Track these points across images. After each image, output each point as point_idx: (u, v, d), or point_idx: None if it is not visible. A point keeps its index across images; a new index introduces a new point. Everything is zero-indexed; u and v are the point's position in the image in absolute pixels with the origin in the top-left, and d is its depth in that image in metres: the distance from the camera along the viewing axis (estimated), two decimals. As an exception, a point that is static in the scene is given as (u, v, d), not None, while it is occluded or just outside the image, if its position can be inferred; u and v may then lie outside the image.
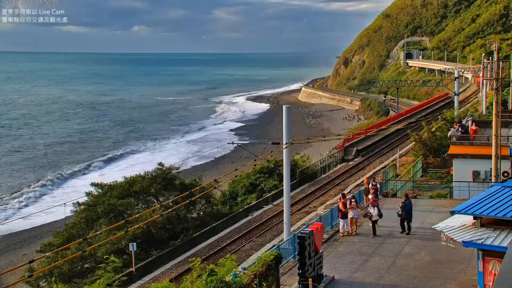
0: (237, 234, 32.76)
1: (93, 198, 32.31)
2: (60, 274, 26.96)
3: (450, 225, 14.70)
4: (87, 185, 37.03)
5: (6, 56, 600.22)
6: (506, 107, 50.09)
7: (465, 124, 34.95)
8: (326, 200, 37.83)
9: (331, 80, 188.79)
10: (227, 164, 63.33)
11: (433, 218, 24.02)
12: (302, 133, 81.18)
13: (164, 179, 34.12)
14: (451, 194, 32.54)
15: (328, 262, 18.64)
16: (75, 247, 25.59)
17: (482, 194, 15.27)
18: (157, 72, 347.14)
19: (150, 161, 60.39)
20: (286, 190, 23.51)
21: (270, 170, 43.52)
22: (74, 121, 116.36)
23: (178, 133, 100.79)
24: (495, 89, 27.39)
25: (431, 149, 42.28)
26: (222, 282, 13.03)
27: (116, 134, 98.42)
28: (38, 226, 46.42)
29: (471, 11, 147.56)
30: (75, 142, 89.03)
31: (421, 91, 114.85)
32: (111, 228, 24.65)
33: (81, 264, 28.49)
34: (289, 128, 22.95)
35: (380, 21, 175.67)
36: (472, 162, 31.36)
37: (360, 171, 47.33)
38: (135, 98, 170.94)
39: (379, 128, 61.07)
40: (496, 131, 26.55)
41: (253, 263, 15.80)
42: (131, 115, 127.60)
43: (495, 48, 35.68)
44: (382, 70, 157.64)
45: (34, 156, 77.42)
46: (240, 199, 40.56)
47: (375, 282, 17.33)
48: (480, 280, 14.16)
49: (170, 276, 26.24)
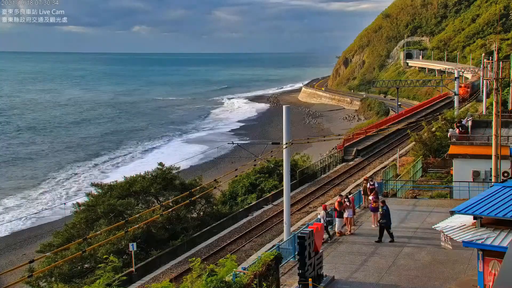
0: (237, 234, 32.76)
1: (93, 198, 32.31)
2: (60, 274, 26.96)
3: (450, 225, 14.70)
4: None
5: (15, 57, 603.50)
6: (506, 107, 50.10)
7: (465, 124, 34.96)
8: (326, 200, 37.79)
9: (331, 80, 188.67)
10: (227, 164, 63.32)
11: (433, 218, 24.04)
12: (302, 133, 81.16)
13: (164, 179, 34.12)
14: (451, 194, 32.54)
15: (328, 262, 18.64)
16: (75, 247, 25.58)
17: (482, 194, 15.27)
18: (172, 72, 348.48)
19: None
20: (286, 190, 23.51)
21: (270, 170, 43.52)
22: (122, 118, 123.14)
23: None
24: (495, 89, 27.39)
25: (431, 149, 42.28)
26: (222, 282, 13.03)
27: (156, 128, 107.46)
28: (38, 225, 46.46)
29: (471, 11, 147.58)
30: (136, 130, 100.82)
31: (421, 91, 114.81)
32: (111, 228, 24.66)
33: (81, 264, 28.47)
34: (289, 128, 22.94)
35: (380, 21, 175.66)
36: (472, 162, 31.37)
37: (360, 171, 47.32)
38: (161, 96, 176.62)
39: (379, 128, 61.09)
40: (496, 131, 26.55)
41: (253, 263, 15.79)
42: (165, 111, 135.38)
43: (495, 48, 35.66)
44: (382, 70, 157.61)
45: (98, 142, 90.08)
46: (240, 199, 40.56)
47: (375, 282, 17.33)
48: (480, 280, 14.16)
49: (170, 276, 26.24)
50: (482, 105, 59.14)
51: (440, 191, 34.07)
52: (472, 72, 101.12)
